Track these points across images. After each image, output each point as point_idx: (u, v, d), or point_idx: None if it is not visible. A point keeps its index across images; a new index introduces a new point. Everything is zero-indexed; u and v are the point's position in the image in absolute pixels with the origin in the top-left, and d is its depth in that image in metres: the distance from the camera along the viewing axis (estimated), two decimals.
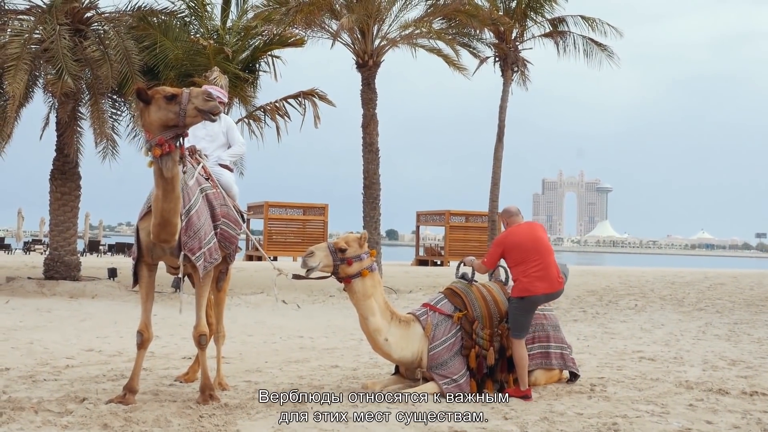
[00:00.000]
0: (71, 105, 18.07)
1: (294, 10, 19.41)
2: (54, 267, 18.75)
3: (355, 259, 7.37)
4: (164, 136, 6.33)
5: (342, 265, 7.33)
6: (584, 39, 25.66)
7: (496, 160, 25.87)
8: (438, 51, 22.21)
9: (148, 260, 7.02)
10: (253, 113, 20.28)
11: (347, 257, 7.33)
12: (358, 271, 7.38)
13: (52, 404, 6.61)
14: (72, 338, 11.05)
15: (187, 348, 10.09)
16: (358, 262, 7.38)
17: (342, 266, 7.33)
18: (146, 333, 6.96)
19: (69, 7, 17.85)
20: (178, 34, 18.32)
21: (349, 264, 7.34)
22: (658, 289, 21.99)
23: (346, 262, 7.33)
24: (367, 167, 21.11)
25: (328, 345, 11.25)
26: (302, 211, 41.35)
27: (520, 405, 7.19)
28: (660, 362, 10.02)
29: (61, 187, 18.98)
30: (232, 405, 6.79)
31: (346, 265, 7.33)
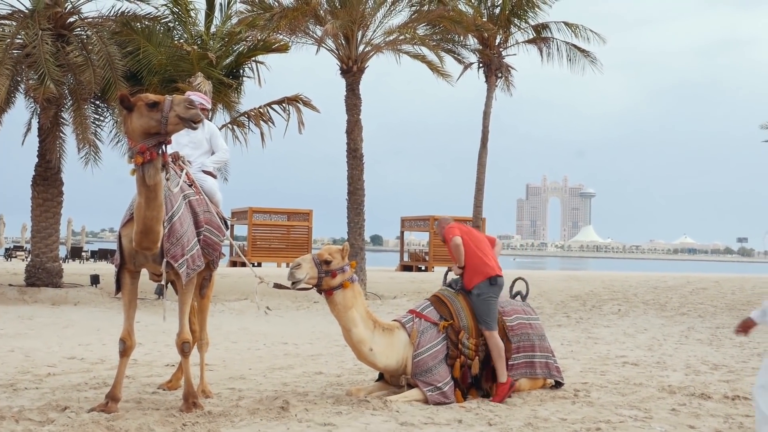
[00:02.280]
0: (53, 110, 17.97)
1: (278, 16, 19.39)
2: (36, 274, 18.62)
3: (338, 271, 7.37)
4: (146, 144, 6.30)
5: (326, 277, 7.32)
6: (567, 45, 25.78)
7: (480, 165, 25.92)
8: (422, 57, 22.25)
9: (130, 267, 6.98)
10: (237, 119, 20.23)
11: (332, 269, 7.33)
12: (340, 283, 7.38)
13: (33, 413, 6.55)
14: (54, 346, 10.97)
15: (171, 355, 10.05)
16: (341, 274, 7.39)
17: (326, 278, 7.33)
18: (129, 340, 6.92)
19: (51, 12, 17.77)
20: (161, 40, 18.27)
21: (333, 276, 7.34)
22: (641, 293, 22.09)
23: (330, 275, 7.33)
24: (352, 173, 21.11)
25: (313, 351, 11.23)
26: (287, 217, 41.24)
27: (504, 411, 7.19)
28: (643, 367, 10.07)
29: (43, 193, 18.87)
30: (215, 413, 6.75)
31: (330, 277, 7.33)
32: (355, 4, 19.92)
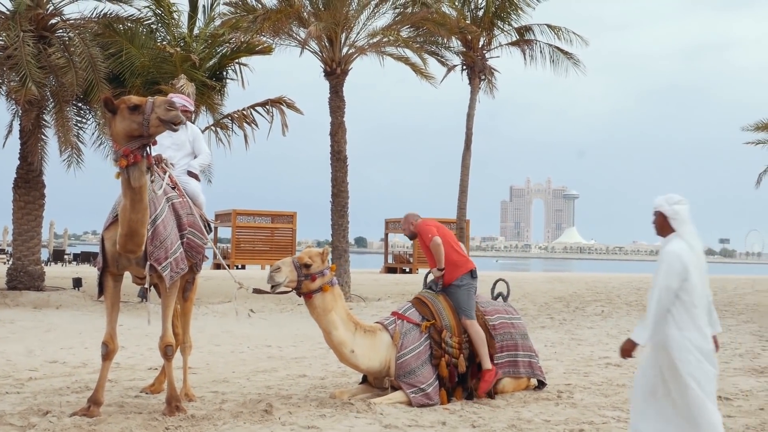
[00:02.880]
0: (35, 113, 17.85)
1: (261, 18, 19.36)
2: (17, 277, 18.47)
3: (318, 275, 7.37)
4: (129, 147, 6.29)
5: (306, 280, 7.32)
6: (550, 47, 25.89)
7: (463, 167, 25.98)
8: (406, 59, 22.26)
9: (113, 270, 6.95)
10: (220, 121, 20.17)
11: (311, 273, 7.33)
12: (319, 287, 7.38)
13: (15, 418, 6.51)
14: (35, 350, 10.89)
15: (154, 359, 10.00)
16: (320, 278, 7.39)
17: (306, 282, 7.32)
18: (111, 344, 6.88)
19: (33, 14, 17.64)
20: (144, 42, 18.17)
21: (312, 280, 7.33)
22: (624, 295, 22.20)
23: (310, 278, 7.32)
24: (335, 175, 21.09)
25: (297, 354, 11.21)
26: (270, 219, 41.17)
27: (488, 413, 7.21)
28: (626, 368, 10.10)
29: (25, 195, 18.73)
30: (198, 416, 6.73)
31: (309, 280, 7.33)
32: (339, 6, 19.91)
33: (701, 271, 5.23)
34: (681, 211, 5.31)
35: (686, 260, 5.14)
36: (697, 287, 5.15)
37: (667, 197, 5.38)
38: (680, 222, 5.31)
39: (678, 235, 5.29)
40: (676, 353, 5.13)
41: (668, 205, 5.34)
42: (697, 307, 5.15)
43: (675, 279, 5.11)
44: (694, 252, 5.22)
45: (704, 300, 5.22)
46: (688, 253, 5.19)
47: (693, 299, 5.14)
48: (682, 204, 5.34)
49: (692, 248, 5.23)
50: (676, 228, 5.30)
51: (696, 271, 5.16)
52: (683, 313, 5.14)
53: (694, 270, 5.16)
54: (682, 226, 5.30)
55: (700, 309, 5.17)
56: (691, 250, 5.21)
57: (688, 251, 5.20)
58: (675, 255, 5.17)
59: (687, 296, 5.13)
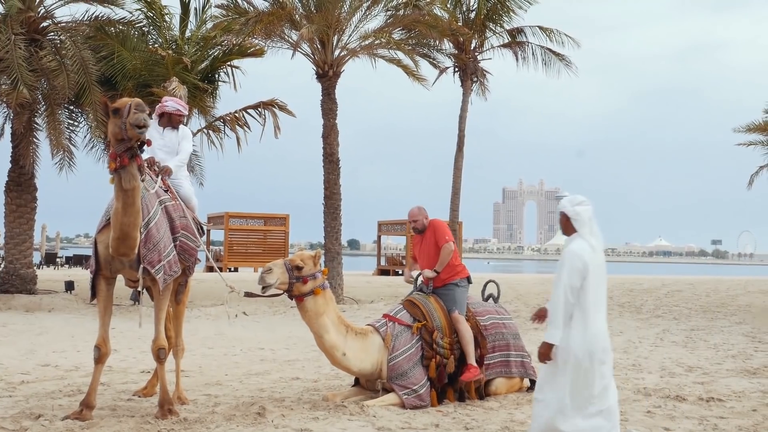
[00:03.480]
0: (27, 116, 17.81)
1: (253, 21, 19.35)
2: (9, 280, 18.43)
3: (310, 278, 7.36)
4: (117, 150, 6.30)
5: (297, 283, 7.31)
6: (542, 49, 25.95)
7: (456, 169, 26.01)
8: (398, 61, 22.27)
9: (106, 273, 6.94)
10: (212, 123, 20.16)
11: (303, 275, 7.32)
12: (311, 289, 7.37)
13: (7, 422, 6.49)
14: (27, 353, 10.86)
15: (146, 362, 9.97)
16: (312, 281, 7.38)
17: (297, 284, 7.32)
18: (104, 347, 6.87)
19: (25, 17, 17.60)
20: (136, 44, 18.16)
21: (304, 282, 7.33)
22: (616, 296, 22.25)
23: (301, 281, 7.32)
24: (328, 177, 21.09)
25: (289, 357, 11.20)
26: (263, 222, 41.12)
27: (481, 415, 7.22)
28: (618, 369, 10.12)
29: (17, 198, 18.69)
30: (191, 419, 6.72)
31: (301, 283, 7.32)
32: (331, 9, 19.90)
33: (600, 270, 5.42)
34: (582, 212, 5.50)
35: (587, 259, 5.34)
36: (593, 286, 5.33)
37: (571, 198, 5.59)
38: (581, 223, 5.49)
39: (579, 235, 5.48)
40: (561, 350, 5.32)
41: (570, 206, 5.53)
42: (590, 306, 5.32)
43: (577, 278, 5.31)
44: (594, 252, 5.41)
45: (601, 299, 5.42)
46: (589, 253, 5.38)
47: (587, 298, 5.32)
48: (583, 205, 5.53)
49: (593, 248, 5.42)
50: (578, 229, 5.49)
51: (595, 271, 5.35)
52: (577, 312, 5.33)
53: (593, 269, 5.34)
54: (583, 227, 5.48)
55: (594, 308, 5.34)
56: (592, 250, 5.40)
57: (588, 251, 5.39)
58: (576, 255, 5.36)
59: (583, 295, 5.31)
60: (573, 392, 5.29)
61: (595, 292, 5.35)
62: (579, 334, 5.30)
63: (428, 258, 8.14)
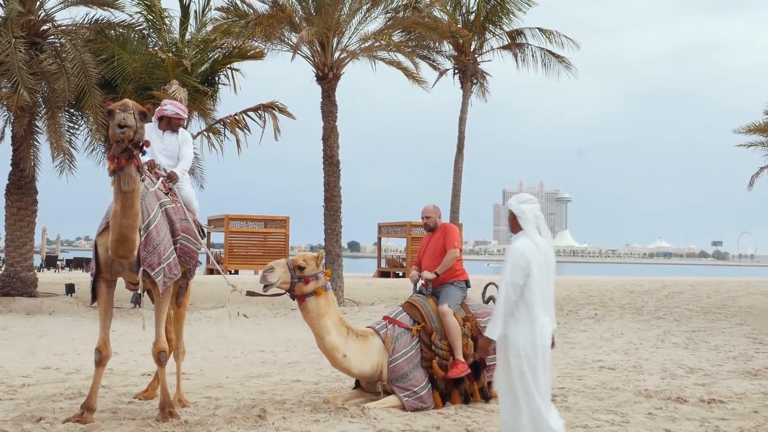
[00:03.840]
0: (27, 119, 17.81)
1: (253, 23, 19.35)
2: (10, 283, 18.42)
3: (312, 278, 7.37)
4: (114, 152, 6.30)
5: (299, 283, 7.32)
6: (542, 51, 25.94)
7: (456, 171, 26.00)
8: (398, 63, 22.28)
9: (106, 276, 6.94)
10: (212, 126, 20.15)
11: (305, 275, 7.33)
12: (313, 290, 7.38)
13: (8, 424, 6.49)
14: (28, 356, 10.86)
15: (147, 364, 9.98)
16: (314, 281, 7.39)
17: (299, 284, 7.33)
18: (105, 350, 6.87)
19: (25, 20, 17.61)
20: (136, 47, 18.16)
21: (306, 282, 7.33)
22: (617, 298, 22.24)
23: (303, 281, 7.32)
24: (328, 179, 21.08)
25: (290, 359, 11.20)
26: (263, 224, 41.12)
27: (482, 417, 7.21)
28: (620, 371, 10.13)
29: (17, 201, 18.69)
30: (192, 422, 6.72)
31: (303, 283, 7.33)
32: (330, 11, 19.91)
33: (546, 268, 5.50)
34: (527, 210, 5.62)
35: (529, 257, 5.41)
36: (537, 284, 5.40)
37: (517, 197, 5.74)
38: (526, 221, 5.60)
39: (525, 233, 5.59)
40: (511, 346, 5.38)
41: (517, 205, 5.67)
42: (535, 302, 5.40)
43: (520, 275, 5.38)
44: (539, 249, 5.49)
45: (546, 296, 5.49)
46: (532, 251, 5.46)
47: (533, 295, 5.39)
48: (529, 203, 5.67)
49: (537, 246, 5.50)
50: (523, 226, 5.60)
51: (538, 269, 5.42)
52: (522, 308, 5.40)
53: (537, 267, 5.41)
54: (528, 225, 5.58)
55: (539, 305, 5.42)
56: (536, 247, 5.49)
57: (532, 248, 5.47)
58: (519, 252, 5.45)
59: (528, 292, 5.38)
60: (537, 388, 5.35)
61: (540, 288, 5.43)
62: (526, 329, 5.38)
63: (432, 258, 8.16)
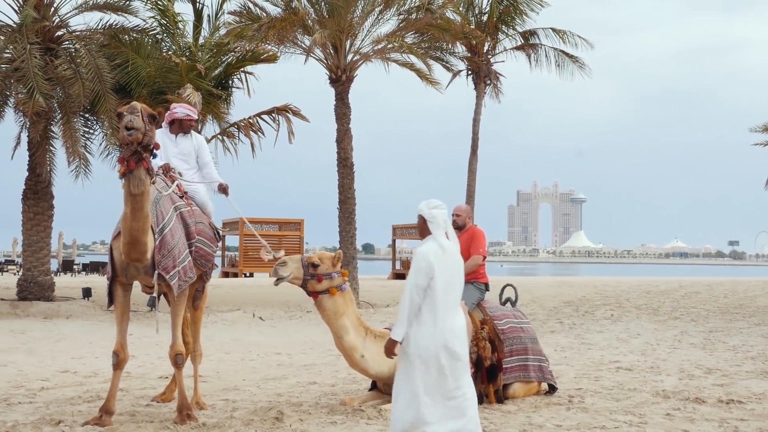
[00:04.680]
0: (43, 124, 17.91)
1: (266, 26, 19.40)
2: (27, 288, 18.52)
3: (325, 276, 7.38)
4: (124, 154, 6.32)
5: (311, 280, 7.35)
6: (555, 51, 25.92)
7: (470, 172, 26.00)
8: (411, 65, 22.28)
9: (122, 280, 6.97)
10: (226, 130, 20.22)
11: (318, 273, 7.35)
12: (326, 289, 7.40)
13: (27, 428, 6.53)
14: (47, 360, 10.92)
15: (164, 367, 10.02)
16: (328, 280, 7.40)
17: (311, 281, 7.35)
18: (122, 353, 6.90)
19: (39, 26, 17.72)
20: (150, 52, 18.24)
21: (318, 280, 7.35)
22: (633, 298, 22.15)
23: (316, 278, 7.35)
24: (342, 182, 21.11)
25: (306, 361, 11.21)
26: (278, 227, 41.23)
27: (499, 418, 7.20)
28: (637, 372, 10.08)
29: (34, 206, 18.79)
30: (209, 424, 6.74)
31: (315, 281, 7.35)
32: (343, 14, 19.95)
33: (452, 271, 5.56)
34: (438, 215, 5.68)
35: (432, 260, 5.49)
36: (442, 286, 5.46)
37: (428, 202, 5.78)
38: (436, 225, 5.67)
39: (432, 237, 5.65)
40: (413, 347, 5.44)
41: (427, 210, 5.73)
42: (438, 304, 5.46)
43: (423, 277, 5.46)
44: (445, 253, 5.56)
45: (453, 299, 5.54)
46: (437, 254, 5.53)
47: (436, 297, 5.45)
48: (439, 209, 5.73)
49: (443, 249, 5.57)
50: (432, 231, 5.67)
51: (444, 272, 5.50)
52: (425, 310, 5.46)
53: (441, 270, 5.48)
54: (437, 230, 5.66)
55: (443, 307, 5.47)
56: (442, 251, 5.56)
57: (437, 252, 5.55)
58: (423, 255, 5.53)
59: (432, 293, 5.45)
60: (426, 388, 5.40)
61: (444, 291, 5.49)
62: (429, 331, 5.43)
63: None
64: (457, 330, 5.52)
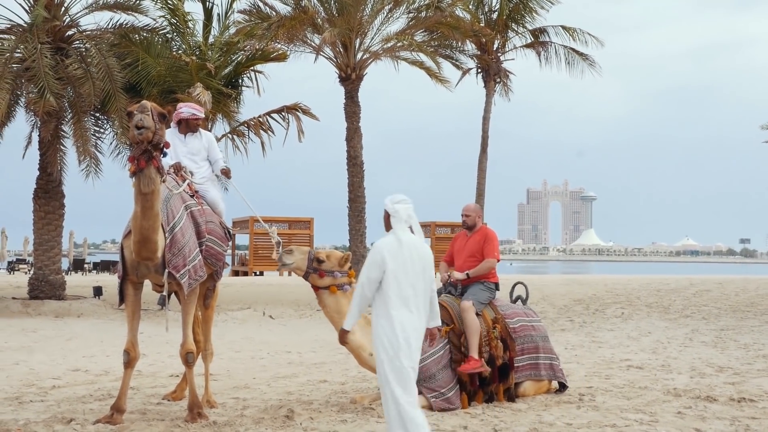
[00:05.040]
0: (54, 124, 17.97)
1: (276, 25, 19.45)
2: (39, 286, 18.59)
3: (328, 273, 7.46)
4: (134, 153, 6.32)
5: (314, 274, 7.47)
6: (565, 49, 25.88)
7: (480, 171, 25.97)
8: (420, 63, 22.29)
9: (133, 278, 6.99)
10: (236, 128, 20.25)
11: (321, 269, 7.42)
12: (326, 285, 7.47)
13: (39, 426, 6.55)
14: (58, 358, 10.97)
15: (175, 366, 10.04)
16: (330, 277, 7.47)
17: (313, 275, 7.47)
18: (133, 352, 6.92)
19: (50, 26, 17.78)
20: (160, 51, 18.28)
21: (320, 276, 7.44)
22: (644, 296, 22.07)
23: (318, 273, 7.44)
24: (352, 180, 21.14)
25: (316, 360, 11.22)
26: (288, 225, 41.22)
27: (510, 417, 7.19)
28: (648, 370, 10.05)
29: (45, 206, 18.86)
30: (220, 422, 6.75)
31: (317, 275, 7.46)
32: (353, 12, 19.97)
33: (410, 266, 5.58)
34: (401, 210, 5.78)
35: (386, 254, 5.57)
36: (394, 279, 5.52)
37: (392, 197, 5.89)
38: (397, 220, 5.76)
39: (393, 231, 5.73)
40: (374, 338, 5.56)
41: (391, 204, 5.83)
42: (391, 297, 5.51)
43: (375, 270, 5.55)
44: (401, 246, 5.62)
45: (407, 293, 5.54)
46: (392, 248, 5.61)
47: (389, 290, 5.51)
48: (403, 203, 5.83)
49: (400, 243, 5.62)
50: (394, 225, 5.76)
51: (399, 266, 5.54)
52: (380, 302, 5.55)
53: (395, 264, 5.54)
54: (398, 224, 5.75)
55: (396, 299, 5.51)
56: (399, 245, 5.62)
57: (392, 246, 5.62)
58: (377, 249, 5.63)
59: (385, 286, 5.52)
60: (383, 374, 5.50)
61: (399, 285, 5.53)
62: (386, 321, 5.50)
63: (466, 258, 8.13)
64: (408, 329, 5.51)
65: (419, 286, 5.62)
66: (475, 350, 7.69)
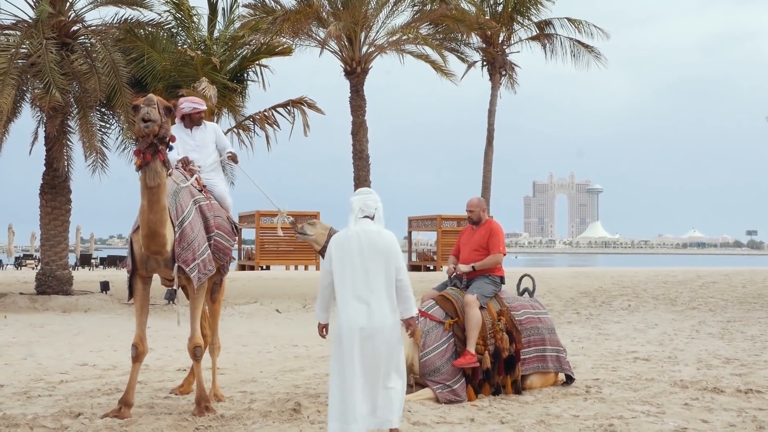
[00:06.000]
0: (59, 119, 18.01)
1: (281, 19, 19.44)
2: (46, 282, 18.66)
3: None
4: (139, 147, 6.33)
5: None
6: (571, 41, 25.81)
7: (486, 163, 25.94)
8: (425, 57, 22.26)
9: (142, 273, 7.00)
10: (242, 123, 20.26)
11: None
12: None
13: (47, 420, 6.58)
14: (66, 353, 11.00)
15: (182, 360, 10.07)
16: None
17: None
18: (141, 346, 6.94)
19: (55, 21, 17.80)
20: (165, 46, 18.29)
21: None
22: (650, 288, 22.05)
23: None
24: (358, 174, 21.14)
25: (323, 353, 11.23)
26: (293, 220, 41.26)
27: (517, 409, 7.20)
28: (654, 362, 10.05)
29: (52, 201, 18.91)
30: (228, 416, 6.77)
31: None
32: (358, 5, 19.95)
33: (357, 258, 5.65)
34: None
35: (332, 247, 5.77)
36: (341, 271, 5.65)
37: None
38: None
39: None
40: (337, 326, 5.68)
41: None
42: (339, 288, 5.65)
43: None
44: (349, 240, 5.71)
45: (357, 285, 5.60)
46: (338, 241, 5.78)
47: (337, 281, 5.67)
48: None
49: (347, 237, 5.74)
50: (348, 217, 5.89)
51: (343, 258, 5.66)
52: (338, 295, 5.70)
53: (339, 256, 5.68)
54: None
55: (343, 293, 5.62)
56: (345, 238, 5.75)
57: (339, 239, 5.80)
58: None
59: (335, 278, 5.70)
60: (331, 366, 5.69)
61: (342, 275, 5.64)
62: (342, 312, 5.63)
63: (473, 252, 8.12)
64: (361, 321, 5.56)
65: (378, 277, 5.63)
66: (472, 345, 7.68)
